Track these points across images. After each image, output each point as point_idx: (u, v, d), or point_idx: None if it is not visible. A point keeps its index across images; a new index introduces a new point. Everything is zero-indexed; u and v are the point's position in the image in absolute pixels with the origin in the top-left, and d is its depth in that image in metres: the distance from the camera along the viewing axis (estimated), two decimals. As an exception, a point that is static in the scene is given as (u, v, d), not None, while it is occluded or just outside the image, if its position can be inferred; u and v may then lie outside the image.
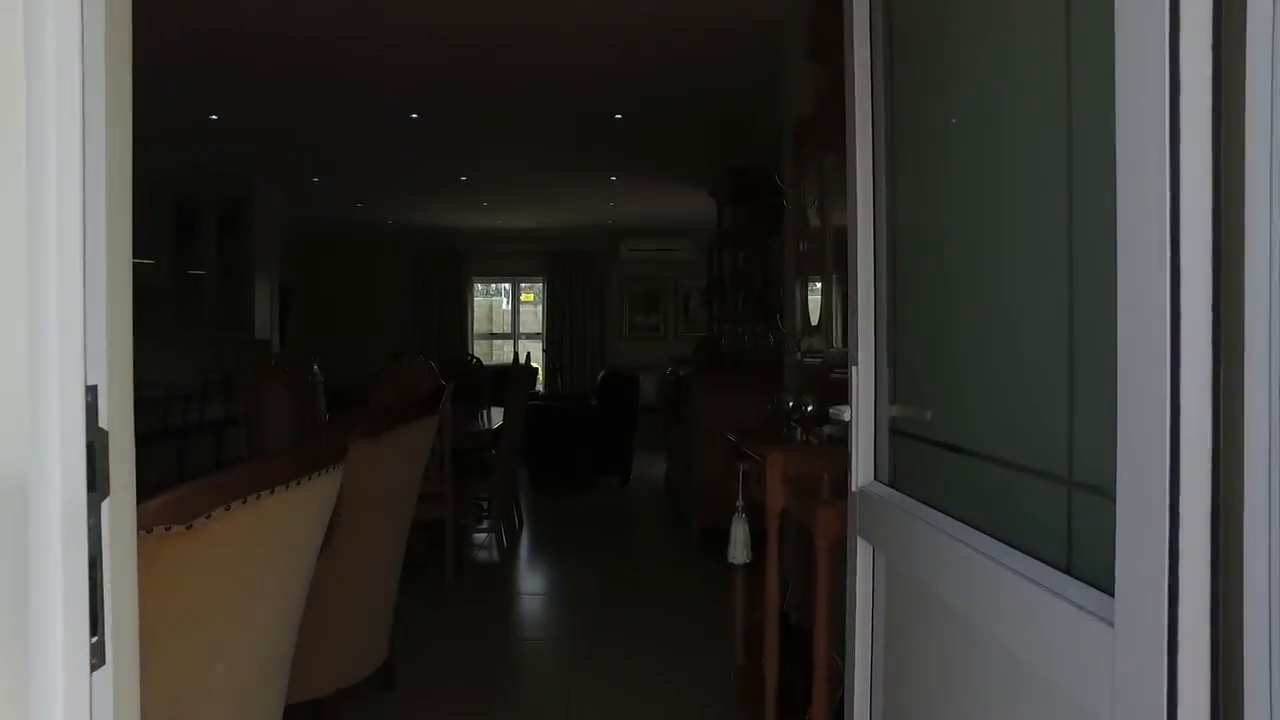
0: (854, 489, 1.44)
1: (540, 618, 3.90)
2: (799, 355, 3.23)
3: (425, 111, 5.57)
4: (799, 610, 2.73)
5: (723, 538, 4.78)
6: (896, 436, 1.40)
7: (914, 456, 1.36)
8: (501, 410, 5.44)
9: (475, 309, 11.04)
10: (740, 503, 2.50)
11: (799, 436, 2.54)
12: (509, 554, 5.05)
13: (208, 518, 1.28)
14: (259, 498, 1.36)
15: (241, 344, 8.13)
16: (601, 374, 8.57)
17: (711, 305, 6.80)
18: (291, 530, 1.55)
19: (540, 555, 5.07)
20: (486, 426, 5.09)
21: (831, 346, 2.82)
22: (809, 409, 2.46)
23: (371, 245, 10.91)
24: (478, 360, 7.01)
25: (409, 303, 10.94)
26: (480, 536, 5.27)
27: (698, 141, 6.29)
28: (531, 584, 4.49)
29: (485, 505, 5.67)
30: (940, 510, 1.16)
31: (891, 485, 1.38)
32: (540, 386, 10.67)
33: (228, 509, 1.31)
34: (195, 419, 5.89)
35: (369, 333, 10.86)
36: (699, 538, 4.92)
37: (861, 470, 1.43)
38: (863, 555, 1.41)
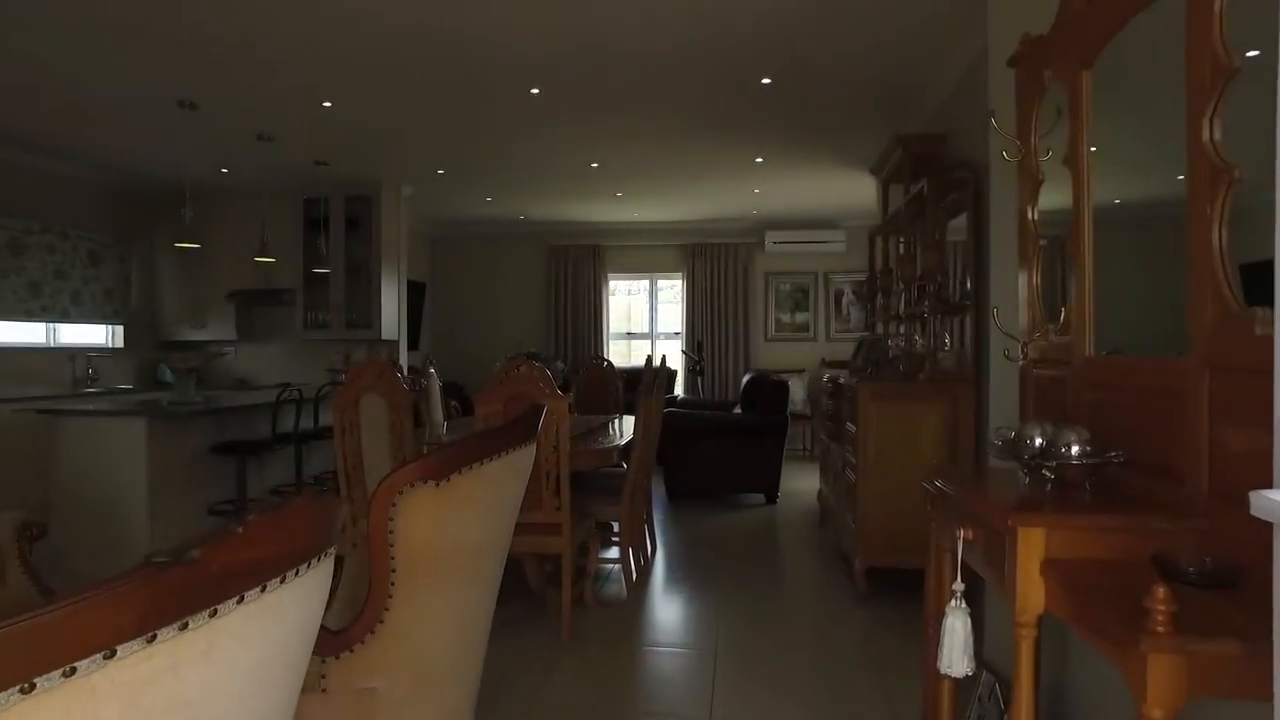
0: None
1: (670, 685, 3.17)
2: (1023, 362, 2.34)
3: (547, 88, 4.98)
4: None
5: (892, 585, 3.89)
6: None
7: None
8: (633, 419, 4.80)
9: (611, 307, 10.48)
10: (959, 587, 1.68)
11: (1044, 487, 1.68)
12: (638, 589, 4.36)
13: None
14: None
15: (368, 343, 7.92)
16: (746, 377, 7.76)
17: (872, 301, 5.85)
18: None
19: (673, 594, 4.34)
20: (616, 439, 4.43)
21: (1089, 352, 1.94)
22: (1071, 448, 1.61)
23: (503, 242, 10.59)
24: (608, 362, 6.37)
25: (541, 301, 10.54)
26: (607, 567, 4.61)
27: (859, 106, 5.38)
28: (662, 632, 3.77)
29: (613, 530, 5.03)
30: None
31: None
32: (679, 390, 9.99)
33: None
34: (313, 423, 5.57)
35: (500, 332, 10.56)
36: (863, 582, 4.06)
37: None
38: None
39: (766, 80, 4.87)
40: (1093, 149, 1.95)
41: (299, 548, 0.88)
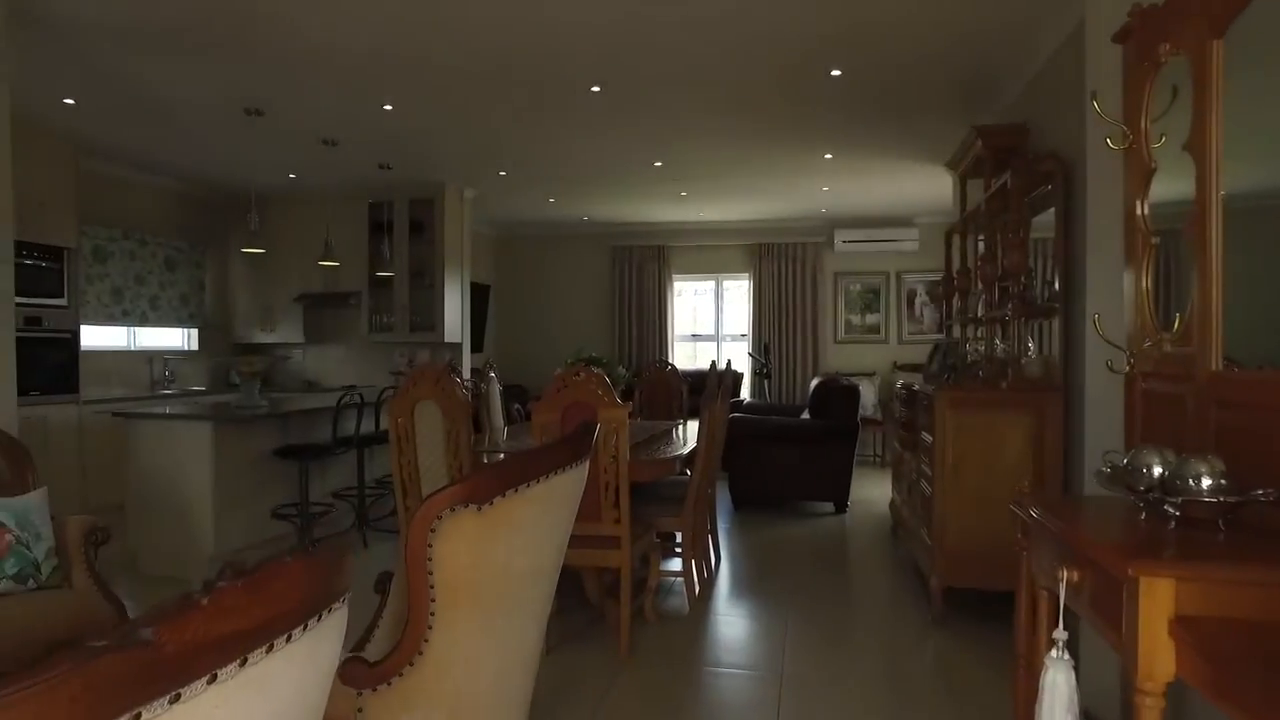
0: None
1: (732, 711, 2.99)
2: (1129, 374, 2.09)
3: (608, 86, 4.85)
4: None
5: (971, 607, 3.63)
6: None
7: None
8: (697, 425, 4.64)
9: (675, 309, 10.31)
10: (1060, 635, 1.47)
11: (1166, 526, 1.46)
12: (701, 603, 4.19)
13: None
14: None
15: (431, 346, 7.94)
16: (815, 381, 7.51)
17: (948, 303, 5.55)
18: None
19: (737, 609, 4.16)
20: (678, 448, 4.28)
21: (1216, 365, 1.69)
22: (1201, 481, 1.38)
23: (566, 243, 10.53)
24: (671, 366, 6.21)
25: (605, 302, 10.45)
26: (669, 580, 4.45)
27: (934, 97, 5.10)
28: (725, 651, 3.60)
29: (675, 539, 4.87)
30: None
31: None
32: (745, 393, 9.76)
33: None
34: (375, 427, 5.57)
35: (564, 333, 10.50)
36: (939, 603, 3.80)
37: None
38: None
39: (836, 72, 4.64)
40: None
41: (287, 611, 0.75)
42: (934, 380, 4.93)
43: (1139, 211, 1.99)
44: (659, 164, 6.88)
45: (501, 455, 4.05)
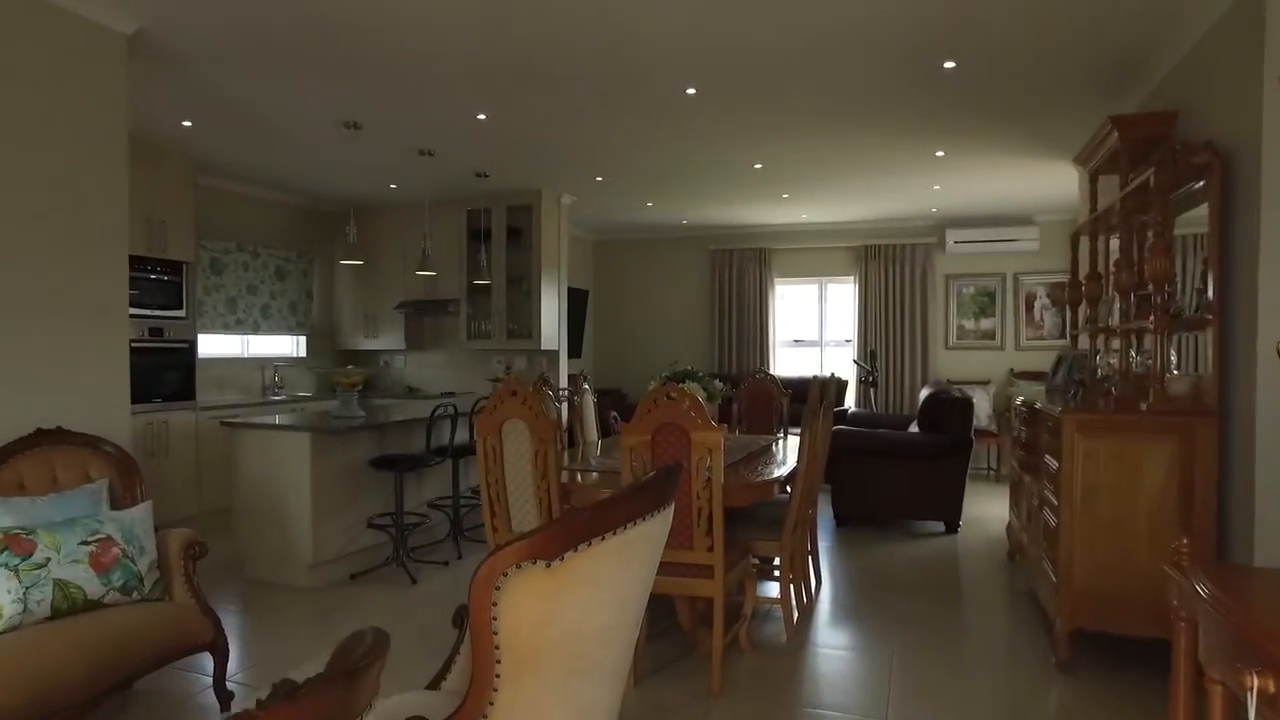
0: None
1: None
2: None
3: (704, 87, 4.66)
4: None
5: (1103, 651, 3.26)
6: None
7: None
8: (798, 441, 4.40)
9: (777, 313, 10.00)
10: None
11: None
12: (800, 632, 3.95)
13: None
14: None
15: (528, 353, 7.94)
16: (925, 391, 7.10)
17: (1074, 310, 5.09)
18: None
19: (839, 641, 3.90)
20: (777, 467, 4.05)
21: None
22: None
23: (665, 246, 10.39)
24: (770, 376, 5.96)
25: (704, 306, 10.24)
26: (765, 607, 4.23)
27: (1061, 85, 4.68)
28: (824, 690, 3.35)
29: (772, 561, 4.65)
30: None
31: None
32: (850, 401, 9.38)
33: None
34: (470, 437, 5.56)
35: (663, 336, 10.37)
36: (1065, 647, 3.44)
37: None
38: None
39: (950, 64, 4.31)
40: None
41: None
42: (1058, 395, 4.51)
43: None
44: (758, 166, 6.63)
45: (594, 475, 3.93)
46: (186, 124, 5.37)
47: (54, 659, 2.60)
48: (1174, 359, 3.72)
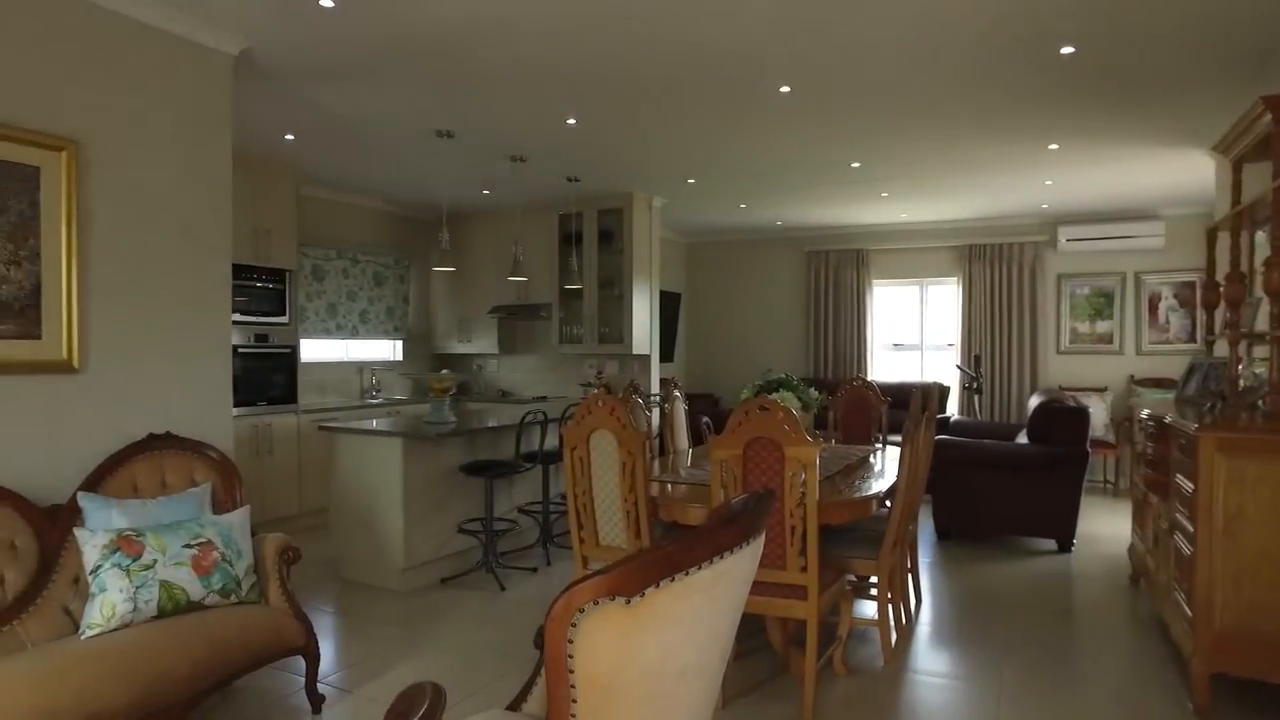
0: None
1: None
2: None
3: (798, 84, 4.49)
4: None
5: (1248, 698, 2.95)
6: None
7: None
8: (899, 453, 4.19)
9: (875, 316, 9.65)
10: None
11: None
12: (898, 656, 3.74)
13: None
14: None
15: (620, 358, 7.89)
16: (1035, 399, 6.68)
17: (1209, 312, 4.66)
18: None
19: (940, 669, 3.66)
20: (875, 481, 3.85)
21: None
22: None
23: (759, 248, 10.17)
24: (867, 383, 5.70)
25: (800, 309, 9.98)
26: (862, 628, 4.03)
27: (1194, 67, 4.29)
28: (928, 723, 3.14)
29: (869, 581, 4.42)
30: None
31: None
32: (952, 408, 8.96)
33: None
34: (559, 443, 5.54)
35: (757, 338, 10.16)
36: (1203, 692, 3.11)
37: None
38: None
39: (1068, 49, 4.00)
40: None
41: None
42: (1191, 408, 4.13)
43: None
44: (856, 165, 6.38)
45: (683, 487, 3.82)
46: (289, 137, 5.55)
47: (160, 658, 2.68)
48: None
